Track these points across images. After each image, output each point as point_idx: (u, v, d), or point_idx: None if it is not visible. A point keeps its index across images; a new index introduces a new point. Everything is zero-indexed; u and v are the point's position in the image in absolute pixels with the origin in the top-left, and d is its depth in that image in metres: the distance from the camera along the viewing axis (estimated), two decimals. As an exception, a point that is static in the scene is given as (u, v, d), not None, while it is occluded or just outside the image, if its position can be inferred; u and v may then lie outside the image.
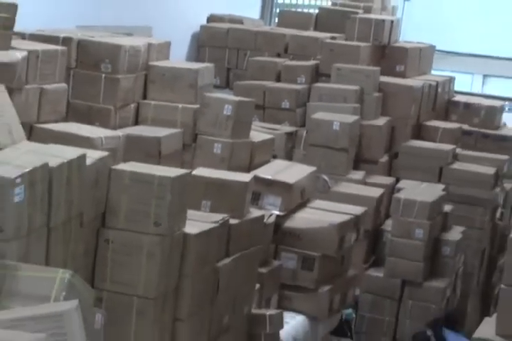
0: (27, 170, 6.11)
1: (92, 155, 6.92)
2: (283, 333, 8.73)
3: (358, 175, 11.99)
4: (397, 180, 12.38)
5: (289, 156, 11.53)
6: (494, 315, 6.48)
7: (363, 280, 10.95)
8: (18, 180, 6.04)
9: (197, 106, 9.68)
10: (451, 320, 11.26)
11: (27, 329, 5.04)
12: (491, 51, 22.69)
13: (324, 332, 9.75)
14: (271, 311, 8.71)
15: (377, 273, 11.26)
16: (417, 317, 11.15)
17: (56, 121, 8.20)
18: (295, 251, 9.27)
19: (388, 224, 11.43)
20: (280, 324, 8.68)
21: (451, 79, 14.81)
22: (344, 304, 10.03)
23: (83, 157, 6.71)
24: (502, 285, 6.34)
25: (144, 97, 9.96)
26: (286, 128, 11.87)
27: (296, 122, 12.42)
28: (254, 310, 8.56)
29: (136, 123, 9.71)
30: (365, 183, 11.84)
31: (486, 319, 6.64)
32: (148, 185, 7.03)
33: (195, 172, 8.05)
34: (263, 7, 18.11)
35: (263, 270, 8.74)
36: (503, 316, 6.31)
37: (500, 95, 19.02)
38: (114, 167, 7.13)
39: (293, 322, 9.04)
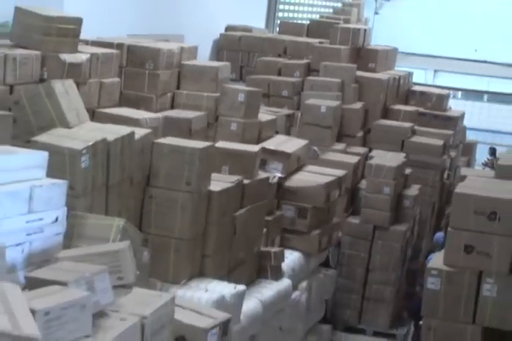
0: (90, 143, 6.12)
1: (139, 132, 6.93)
2: (284, 265, 8.74)
3: (340, 146, 11.96)
4: (370, 150, 12.35)
5: (287, 132, 11.50)
6: (443, 250, 6.48)
7: (344, 226, 10.94)
8: (84, 151, 6.05)
9: (218, 94, 9.65)
10: None
11: (93, 263, 5.05)
12: (440, 52, 22.67)
13: (315, 264, 9.76)
14: (275, 249, 8.72)
15: (354, 220, 11.22)
16: (385, 253, 11.15)
17: (112, 107, 8.20)
18: (293, 203, 9.27)
19: (363, 183, 11.39)
20: (282, 258, 8.69)
21: (410, 74, 14.77)
22: (330, 244, 10.05)
23: (132, 134, 6.72)
24: (449, 228, 6.33)
25: (178, 88, 9.98)
26: (286, 111, 11.83)
27: (293, 106, 12.37)
28: (262, 248, 8.57)
29: (172, 107, 9.71)
30: (346, 152, 11.79)
31: (436, 254, 6.63)
32: (182, 154, 7.04)
33: (217, 144, 8.05)
34: (267, 19, 18.13)
35: (269, 218, 8.75)
36: (449, 250, 6.32)
37: (447, 86, 19.04)
38: (155, 141, 7.14)
39: (291, 257, 9.04)
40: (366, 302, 11.39)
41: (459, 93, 23.19)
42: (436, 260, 6.37)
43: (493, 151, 21.00)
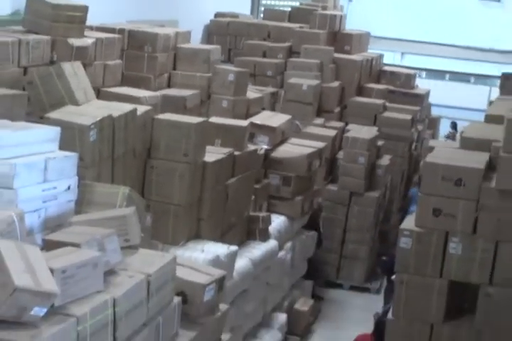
0: (98, 119, 6.11)
1: (141, 109, 6.90)
2: (270, 228, 8.76)
3: (320, 121, 11.95)
4: (346, 124, 12.36)
5: (272, 109, 11.47)
6: (414, 213, 6.50)
7: (324, 192, 10.98)
8: (92, 126, 6.03)
9: (210, 74, 9.60)
10: None
11: (103, 226, 5.05)
12: (407, 36, 22.65)
13: (298, 227, 9.79)
14: (262, 213, 8.74)
15: (333, 187, 11.29)
16: (360, 216, 11.24)
17: (115, 86, 8.15)
18: (278, 173, 9.25)
19: (340, 154, 11.44)
20: (269, 222, 8.71)
21: (381, 56, 14.74)
22: (311, 208, 10.08)
23: (135, 110, 6.70)
24: (419, 194, 6.35)
25: (174, 69, 9.91)
26: (270, 89, 11.78)
27: (276, 85, 12.31)
28: (252, 213, 8.58)
29: (169, 86, 9.64)
30: (325, 126, 11.79)
31: (408, 216, 6.66)
32: (179, 129, 7.03)
33: (210, 119, 8.00)
34: (252, 6, 17.99)
35: (257, 186, 8.75)
36: (419, 213, 6.34)
37: (414, 66, 19.05)
38: (155, 116, 7.12)
39: (277, 220, 9.06)
40: (343, 259, 11.50)
41: (424, 73, 23.16)
42: (408, 222, 6.40)
43: (454, 125, 21.04)
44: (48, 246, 4.66)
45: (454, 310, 6.37)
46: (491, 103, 11.61)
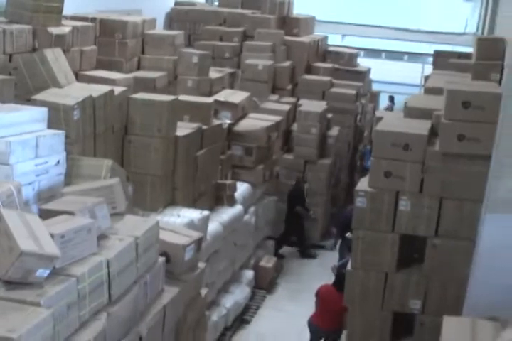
0: (80, 99, 6.09)
1: (117, 90, 6.86)
2: (236, 194, 8.80)
3: (274, 97, 11.96)
4: (298, 100, 12.38)
5: (231, 87, 11.41)
6: (367, 176, 6.54)
7: (281, 161, 11.03)
8: (75, 106, 6.01)
9: (175, 57, 9.54)
10: None
11: (92, 196, 5.05)
12: (347, 19, 22.69)
13: (260, 193, 9.83)
14: (229, 181, 8.76)
15: (289, 156, 11.34)
16: (314, 182, 11.31)
17: (91, 70, 8.08)
18: (241, 144, 9.27)
19: (295, 126, 11.46)
20: (234, 189, 8.74)
21: (326, 37, 14.74)
22: (272, 176, 10.13)
23: (112, 91, 6.66)
24: (371, 158, 6.38)
25: (142, 53, 9.83)
26: (228, 70, 11.71)
27: (233, 66, 12.25)
28: (219, 181, 8.61)
29: (138, 69, 9.57)
30: (279, 102, 11.79)
31: (362, 179, 6.70)
32: (153, 107, 7.01)
33: (179, 98, 7.96)
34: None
35: (222, 157, 8.76)
36: (372, 175, 6.40)
37: (355, 46, 19.11)
38: (130, 96, 7.08)
39: (242, 187, 9.09)
40: (301, 221, 11.57)
41: (362, 52, 23.28)
42: (362, 184, 6.45)
43: (391, 98, 21.29)
44: (45, 214, 4.65)
45: (405, 260, 6.48)
46: (426, 78, 11.73)
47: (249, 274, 9.40)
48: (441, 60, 10.81)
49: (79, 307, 4.17)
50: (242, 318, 8.97)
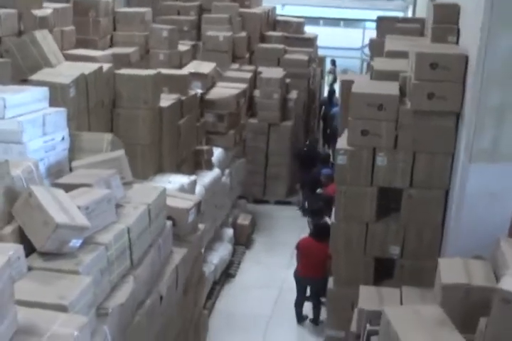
0: (74, 77, 5.97)
1: (105, 67, 6.73)
2: (213, 159, 8.78)
3: (235, 66, 11.82)
4: (256, 67, 12.30)
5: (194, 58, 11.26)
6: (346, 132, 6.57)
7: (248, 125, 10.98)
8: (71, 84, 5.91)
9: (147, 33, 9.36)
10: None
11: (101, 168, 4.99)
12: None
13: (231, 155, 9.78)
14: (206, 147, 8.71)
15: (253, 120, 11.30)
16: (278, 143, 11.34)
17: (71, 49, 7.89)
18: (213, 111, 9.16)
19: (257, 92, 11.40)
20: (211, 153, 8.71)
21: (274, 8, 14.60)
22: (241, 139, 10.11)
23: (101, 68, 6.55)
24: (349, 118, 6.36)
25: (114, 30, 9.62)
26: (190, 42, 11.53)
27: (192, 38, 12.04)
28: (197, 147, 8.57)
29: (111, 46, 9.37)
30: (240, 70, 11.65)
31: (340, 138, 6.74)
32: (138, 81, 6.91)
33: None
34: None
35: (197, 124, 8.68)
36: (350, 134, 6.44)
37: (293, 15, 19.04)
38: (117, 71, 6.97)
39: (216, 152, 8.97)
40: (268, 180, 11.63)
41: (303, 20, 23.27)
42: (342, 142, 6.50)
43: (333, 62, 21.36)
44: (61, 188, 4.58)
45: (383, 210, 6.59)
46: (371, 42, 11.77)
47: (229, 232, 9.44)
48: (384, 25, 10.86)
49: (109, 272, 4.16)
50: (227, 273, 9.04)
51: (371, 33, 16.36)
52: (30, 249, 3.88)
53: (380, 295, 5.94)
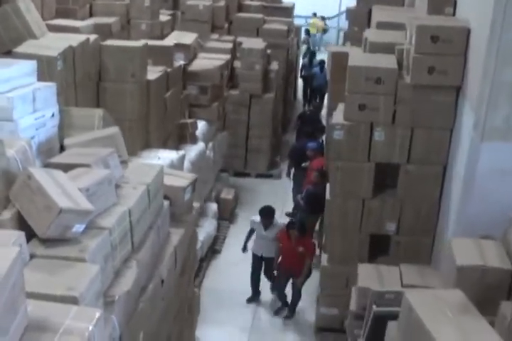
0: (61, 50, 5.67)
1: (91, 38, 6.43)
2: (197, 132, 8.56)
3: (215, 36, 11.56)
4: (236, 37, 11.99)
5: (172, 28, 10.90)
6: (342, 105, 6.39)
7: (229, 97, 10.70)
8: (58, 57, 5.61)
9: (127, 2, 8.99)
10: None
11: (95, 146, 4.74)
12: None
13: (215, 129, 9.56)
14: (190, 120, 8.49)
15: (235, 92, 11.02)
16: (260, 115, 11.13)
17: (51, 19, 7.50)
18: (196, 84, 8.91)
19: (237, 63, 11.11)
20: (196, 127, 8.50)
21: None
22: (224, 112, 9.89)
23: (88, 40, 6.27)
24: (346, 93, 6.19)
25: (94, -1, 9.24)
26: (168, 12, 11.14)
27: (169, 8, 11.60)
28: (181, 121, 8.33)
29: (91, 16, 8.97)
30: (220, 40, 11.35)
31: (334, 112, 6.56)
32: (126, 52, 6.65)
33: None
34: None
35: (180, 96, 8.38)
36: (347, 109, 6.28)
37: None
38: (103, 43, 6.69)
39: (200, 125, 8.77)
40: (249, 153, 11.44)
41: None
42: (337, 117, 6.32)
43: (307, 31, 21.12)
44: (58, 168, 4.33)
45: (379, 186, 6.46)
46: (348, 10, 11.56)
47: (213, 207, 9.26)
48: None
49: (112, 258, 3.95)
50: (213, 249, 8.88)
51: (348, 1, 16.13)
52: (28, 235, 3.65)
53: (379, 273, 5.85)
